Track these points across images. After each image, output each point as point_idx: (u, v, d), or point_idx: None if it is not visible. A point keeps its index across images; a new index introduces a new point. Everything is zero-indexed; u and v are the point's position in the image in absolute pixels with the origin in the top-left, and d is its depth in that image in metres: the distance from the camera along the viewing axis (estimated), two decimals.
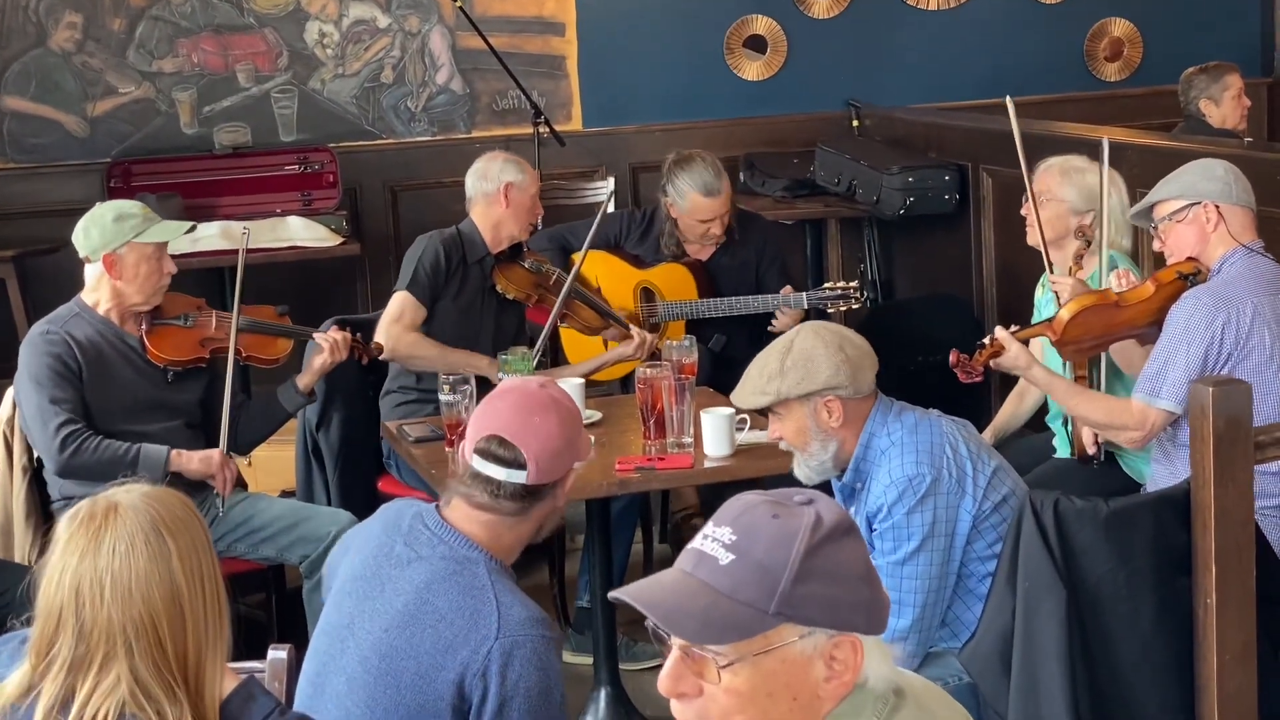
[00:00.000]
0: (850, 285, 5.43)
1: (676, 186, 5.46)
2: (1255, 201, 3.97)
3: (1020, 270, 5.54)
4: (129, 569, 2.13)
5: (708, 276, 5.55)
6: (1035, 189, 4.45)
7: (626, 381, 5.40)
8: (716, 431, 4.06)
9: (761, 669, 1.80)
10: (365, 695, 2.69)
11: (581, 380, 4.53)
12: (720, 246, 5.58)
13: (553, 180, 6.57)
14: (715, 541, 1.83)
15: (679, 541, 5.44)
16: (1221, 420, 2.85)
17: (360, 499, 4.65)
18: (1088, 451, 4.27)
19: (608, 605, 4.31)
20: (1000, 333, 3.99)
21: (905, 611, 3.37)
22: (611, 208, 6.66)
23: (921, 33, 7.39)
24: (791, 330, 3.51)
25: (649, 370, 4.19)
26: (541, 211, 5.14)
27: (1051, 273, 4.37)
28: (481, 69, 6.90)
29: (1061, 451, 4.44)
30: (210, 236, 5.92)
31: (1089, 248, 4.38)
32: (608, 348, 5.15)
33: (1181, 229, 3.93)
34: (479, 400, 2.94)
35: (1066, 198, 4.45)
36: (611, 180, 6.87)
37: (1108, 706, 3.03)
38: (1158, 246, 4.03)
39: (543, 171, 6.24)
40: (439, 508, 2.82)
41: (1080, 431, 4.28)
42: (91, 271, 4.29)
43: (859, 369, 3.43)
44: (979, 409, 5.31)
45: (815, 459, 3.48)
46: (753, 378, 3.47)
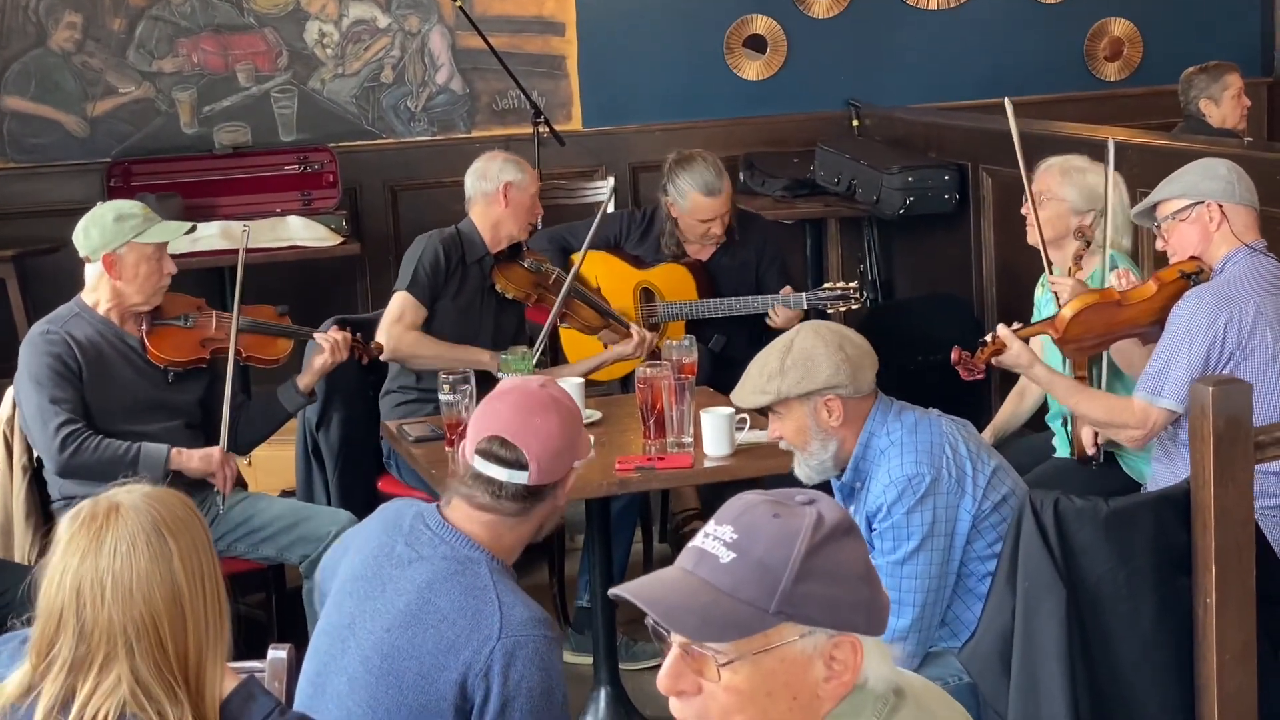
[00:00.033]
0: (850, 286, 5.42)
1: (677, 186, 5.46)
2: (1258, 201, 3.97)
3: (1020, 270, 5.54)
4: (130, 569, 2.13)
5: (708, 277, 5.55)
6: (1035, 189, 4.45)
7: (626, 381, 5.40)
8: (716, 431, 4.06)
9: (761, 668, 1.80)
10: (367, 695, 2.69)
11: (581, 380, 4.53)
12: (720, 247, 5.57)
13: (553, 180, 6.57)
14: (716, 540, 1.83)
15: (679, 541, 5.43)
16: (1221, 420, 2.85)
17: (360, 499, 4.65)
18: (1087, 453, 4.27)
19: (608, 605, 4.31)
20: (1002, 330, 3.99)
21: (905, 611, 3.37)
22: (612, 207, 6.68)
23: (921, 32, 7.38)
24: (791, 330, 3.51)
25: (649, 370, 4.19)
26: (541, 211, 5.14)
27: (1051, 273, 4.37)
28: (481, 69, 6.90)
29: (1061, 451, 4.44)
30: (210, 236, 5.92)
31: (1088, 248, 4.38)
32: (606, 348, 5.15)
33: (1184, 228, 3.93)
34: (479, 400, 2.94)
35: (1067, 197, 4.44)
36: (611, 180, 6.87)
37: (1108, 706, 3.03)
38: (1160, 245, 4.03)
39: (543, 171, 6.24)
40: (440, 508, 2.82)
41: (1080, 433, 4.28)
42: (91, 271, 4.29)
43: (859, 368, 3.43)
44: (979, 408, 5.31)
45: (815, 458, 3.48)
46: (753, 377, 3.47)
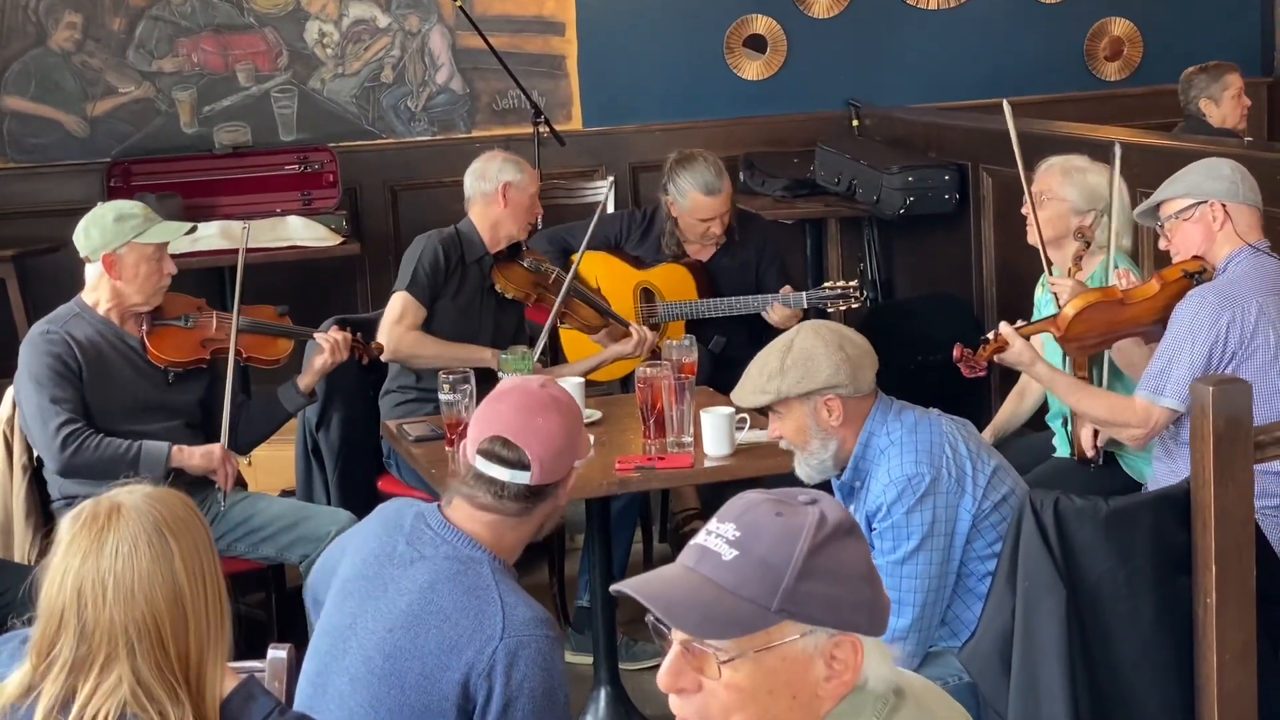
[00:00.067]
0: (850, 285, 5.42)
1: (678, 185, 5.46)
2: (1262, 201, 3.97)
3: (1020, 270, 5.54)
4: (132, 570, 2.13)
5: (707, 277, 5.54)
6: (1036, 189, 4.45)
7: (626, 381, 5.40)
8: (716, 431, 4.06)
9: (762, 666, 1.80)
10: (369, 695, 2.69)
11: (581, 380, 4.53)
12: (720, 247, 5.57)
13: (553, 180, 6.57)
14: (719, 538, 1.83)
15: (679, 541, 5.43)
16: (1221, 420, 2.85)
17: (360, 498, 4.65)
18: (1086, 454, 4.26)
19: (608, 604, 4.31)
20: (1004, 328, 3.99)
21: (905, 611, 3.37)
22: (612, 206, 6.67)
23: (921, 32, 7.38)
24: (792, 329, 3.51)
25: (649, 370, 4.19)
26: (540, 211, 5.14)
27: (1050, 274, 4.36)
28: (481, 68, 6.90)
29: (1061, 451, 4.44)
30: (210, 236, 5.92)
31: (1088, 249, 4.38)
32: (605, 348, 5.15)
33: (1188, 227, 3.92)
34: (479, 400, 2.94)
35: (1068, 197, 4.43)
36: (611, 179, 6.87)
37: (1107, 706, 3.03)
38: (1163, 245, 4.03)
39: (543, 171, 6.24)
40: (440, 507, 2.82)
41: (1079, 434, 4.28)
42: (92, 271, 4.29)
43: (859, 368, 3.43)
44: (979, 408, 5.31)
45: (815, 458, 3.48)
46: (753, 376, 3.47)
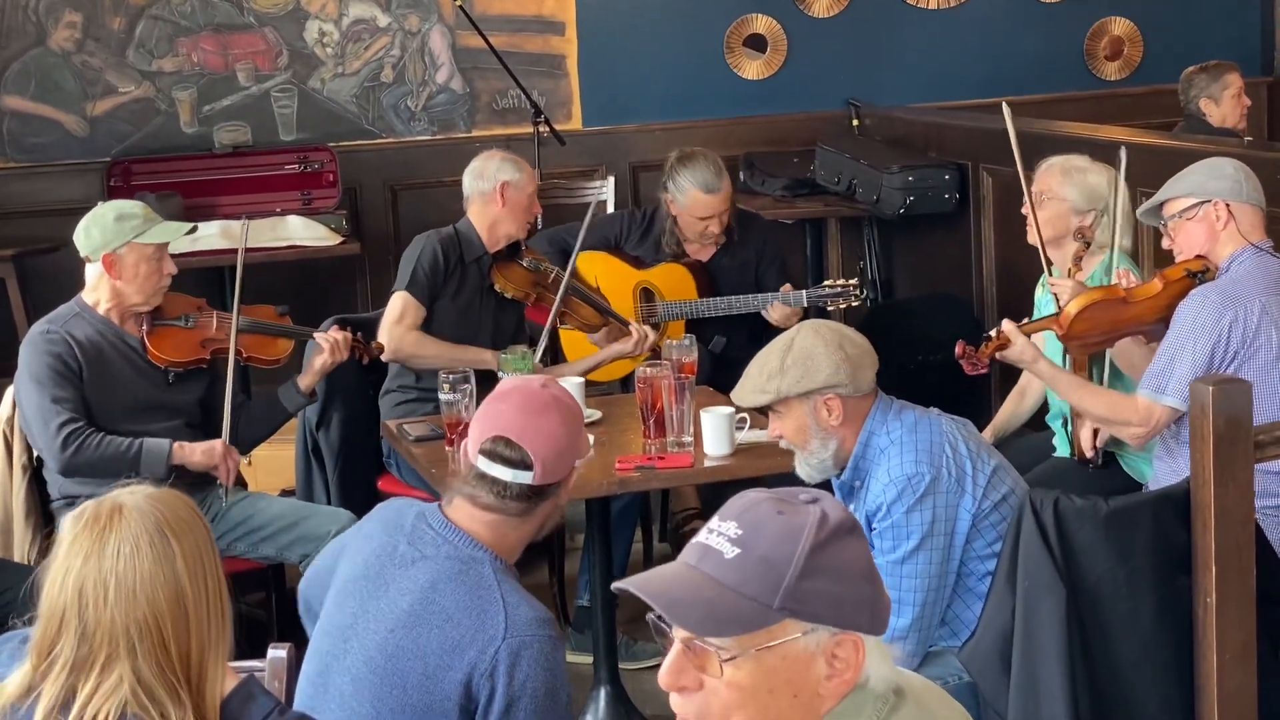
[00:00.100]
0: (850, 283, 5.41)
1: (677, 183, 5.46)
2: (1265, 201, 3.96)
3: (1020, 269, 5.54)
4: (134, 570, 2.13)
5: (707, 277, 5.54)
6: (1036, 189, 4.44)
7: (626, 381, 5.40)
8: (716, 430, 4.06)
9: (763, 664, 1.80)
10: (371, 695, 2.69)
11: (581, 380, 4.53)
12: (720, 247, 5.57)
13: (553, 180, 6.57)
14: (720, 536, 1.83)
15: (679, 541, 5.43)
16: (1221, 419, 2.85)
17: (360, 498, 4.65)
18: (1086, 454, 4.26)
19: (608, 604, 4.30)
20: (1007, 325, 3.99)
21: (905, 610, 3.37)
22: (612, 206, 6.68)
23: (921, 32, 7.38)
24: (792, 329, 3.52)
25: (649, 369, 4.19)
26: (540, 210, 5.14)
27: (1050, 274, 4.36)
28: (481, 68, 6.90)
29: (1061, 451, 4.44)
30: (210, 236, 5.92)
31: (1088, 249, 4.37)
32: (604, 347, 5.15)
33: (1191, 227, 3.92)
34: (479, 399, 2.93)
35: (1068, 197, 4.43)
36: (611, 180, 6.87)
37: (1107, 706, 3.03)
38: (1166, 244, 4.02)
39: (542, 171, 6.25)
40: (441, 507, 2.82)
41: (1079, 433, 4.28)
42: (92, 271, 4.29)
43: (859, 367, 3.43)
44: (979, 408, 5.31)
45: (815, 457, 3.48)
46: (753, 376, 3.47)
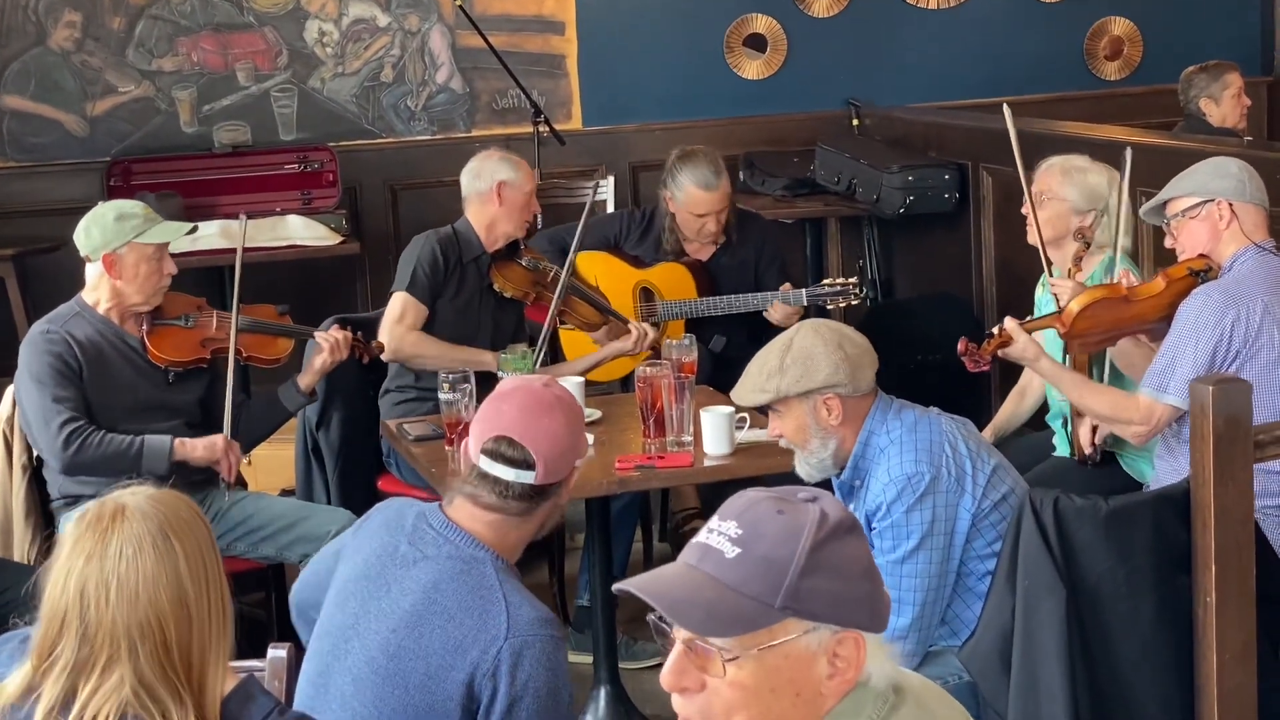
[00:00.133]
0: (849, 281, 5.40)
1: (676, 180, 5.46)
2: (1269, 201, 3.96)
3: (1020, 269, 5.54)
4: (136, 571, 2.13)
5: (707, 276, 5.54)
6: (1036, 189, 4.44)
7: (626, 381, 5.40)
8: (716, 430, 4.06)
9: (766, 664, 1.80)
10: (372, 695, 2.69)
11: (582, 380, 4.52)
12: (720, 246, 5.57)
13: (553, 179, 6.57)
14: (721, 535, 1.83)
15: (679, 540, 5.43)
16: (1221, 419, 2.85)
17: (360, 498, 4.64)
18: (1084, 451, 4.26)
19: (608, 604, 4.30)
20: (1009, 323, 3.99)
21: (905, 610, 3.37)
22: (612, 206, 6.68)
23: (921, 32, 7.39)
24: (792, 328, 3.52)
25: (649, 369, 4.19)
26: (538, 209, 5.13)
27: (1050, 274, 4.36)
28: (481, 68, 6.90)
29: (1061, 450, 4.43)
30: (210, 236, 5.92)
31: (1088, 249, 4.37)
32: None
33: (1194, 226, 3.92)
34: (479, 399, 2.93)
35: (1068, 197, 4.43)
36: (611, 179, 6.87)
37: (1107, 705, 3.03)
38: (1169, 243, 4.02)
39: (542, 170, 6.25)
40: (442, 507, 2.82)
41: (1078, 432, 4.27)
42: (92, 271, 4.29)
43: (858, 367, 3.43)
44: (979, 407, 5.31)
45: (815, 456, 3.48)
46: (752, 375, 3.48)
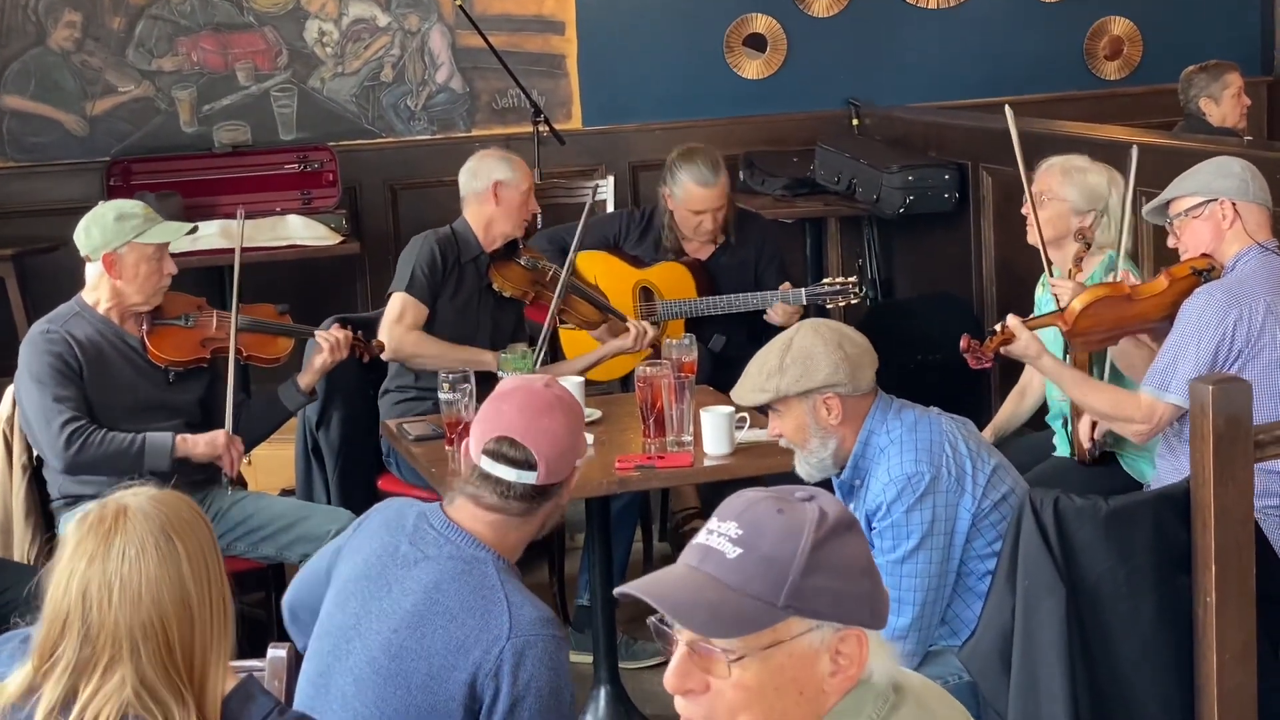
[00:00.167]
0: (849, 281, 5.39)
1: (675, 177, 5.46)
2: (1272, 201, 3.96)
3: (1020, 269, 5.54)
4: (139, 573, 2.13)
5: (707, 276, 5.54)
6: (1036, 189, 4.44)
7: (626, 380, 5.40)
8: (716, 430, 4.06)
9: (770, 663, 1.81)
10: (374, 696, 2.69)
11: (581, 380, 4.52)
12: (719, 246, 5.57)
13: (552, 179, 6.57)
14: (721, 536, 1.83)
15: (679, 540, 5.43)
16: (1221, 419, 2.85)
17: (360, 497, 4.64)
18: (1084, 444, 4.26)
19: (608, 603, 4.30)
20: (1012, 320, 3.99)
21: (905, 610, 3.37)
22: (611, 206, 6.67)
23: (921, 32, 7.39)
24: (792, 328, 3.52)
25: (649, 369, 4.19)
26: (537, 209, 5.12)
27: (1051, 274, 4.36)
28: (481, 68, 6.90)
29: (1061, 450, 4.43)
30: (210, 235, 5.93)
31: (1089, 250, 4.37)
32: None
33: (1197, 225, 3.92)
34: (479, 399, 2.93)
35: (1068, 197, 4.43)
36: (611, 179, 6.87)
37: (1107, 705, 3.03)
38: (1172, 242, 4.02)
39: (542, 170, 6.25)
40: (443, 507, 2.82)
41: (1078, 428, 4.27)
42: (92, 271, 4.29)
43: (858, 366, 3.43)
44: (979, 407, 5.31)
45: (815, 456, 3.48)
46: (752, 375, 3.48)
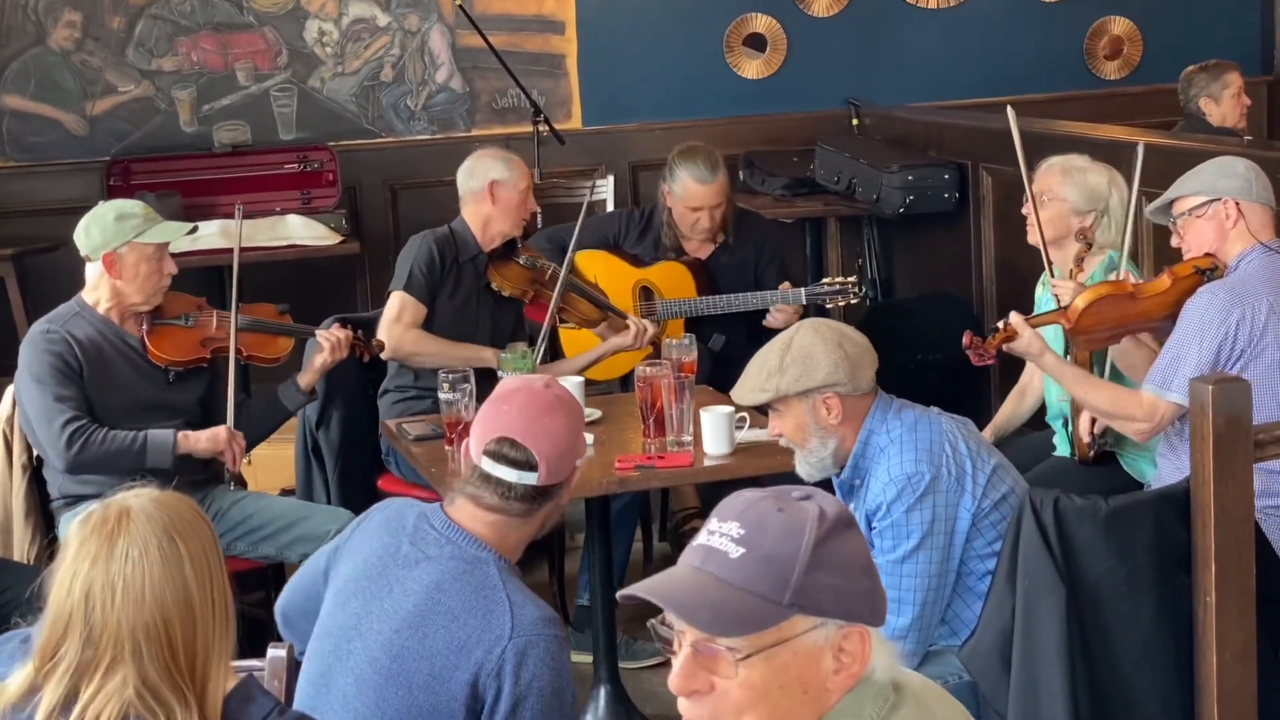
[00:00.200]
0: (849, 280, 5.39)
1: (674, 174, 5.47)
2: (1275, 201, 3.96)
3: (1020, 269, 5.54)
4: (142, 574, 2.13)
5: (707, 275, 5.54)
6: (1036, 189, 4.44)
7: (626, 380, 5.40)
8: (716, 430, 4.06)
9: (775, 662, 1.81)
10: (375, 696, 2.69)
11: (581, 380, 4.52)
12: (719, 245, 5.57)
13: (552, 179, 6.57)
14: (723, 536, 1.83)
15: (679, 540, 5.43)
16: (1221, 418, 2.86)
17: (360, 497, 4.64)
18: (1084, 440, 4.26)
19: (608, 603, 4.30)
20: (1014, 318, 3.99)
21: (905, 610, 3.37)
22: (611, 205, 6.68)
23: (921, 31, 7.38)
24: (792, 327, 3.52)
25: (648, 369, 4.19)
26: (535, 208, 5.12)
27: (1052, 275, 4.36)
28: (481, 67, 6.90)
29: (1061, 450, 4.43)
30: (210, 235, 5.92)
31: (1090, 250, 4.37)
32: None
33: (1201, 224, 3.92)
34: (479, 399, 2.93)
35: (1068, 198, 4.43)
36: (610, 179, 6.87)
37: (1107, 705, 3.03)
38: (1175, 242, 4.02)
39: (542, 170, 6.25)
40: (443, 507, 2.81)
41: (1078, 423, 4.27)
42: (92, 270, 4.29)
43: (858, 366, 3.43)
44: (979, 407, 5.31)
45: (815, 455, 3.48)
46: (752, 374, 3.48)
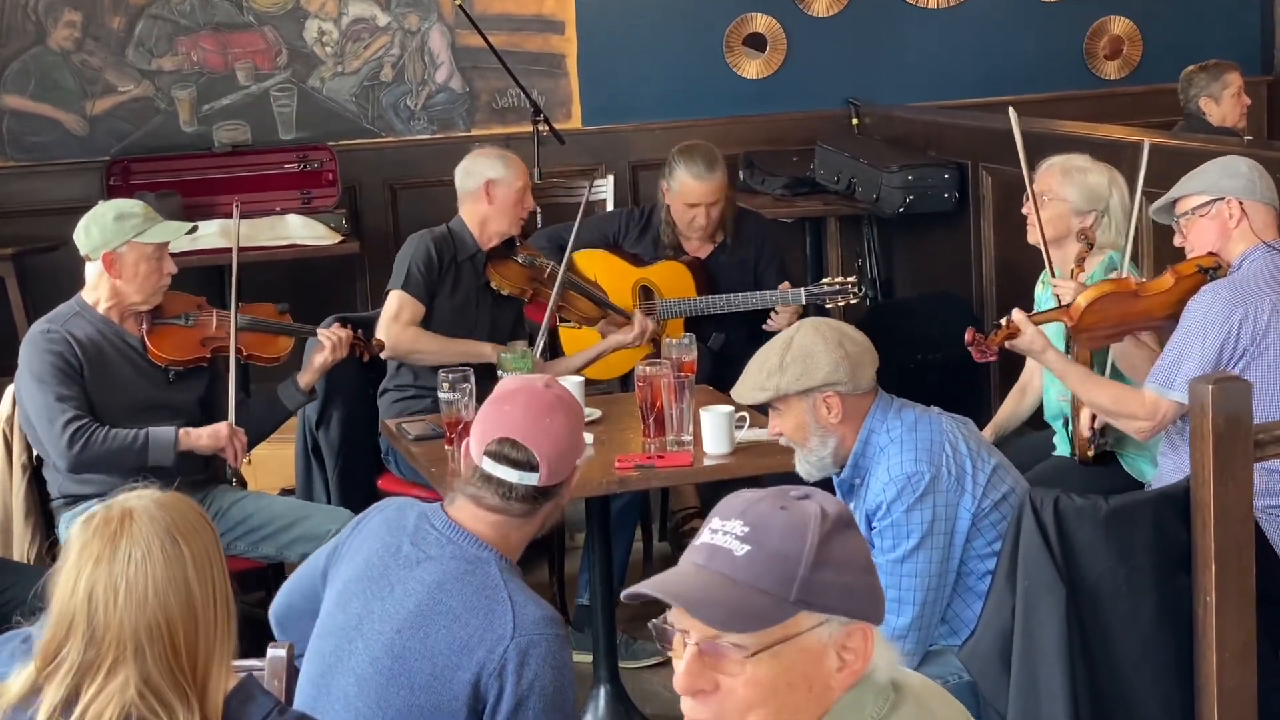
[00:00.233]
0: (848, 280, 5.39)
1: (673, 171, 5.47)
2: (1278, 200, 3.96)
3: (1020, 268, 5.54)
4: (145, 575, 2.13)
5: (706, 275, 5.54)
6: (1037, 188, 4.44)
7: (626, 380, 5.40)
8: (716, 429, 4.06)
9: (781, 659, 1.82)
10: (376, 696, 2.69)
11: (581, 379, 4.52)
12: (719, 245, 5.57)
13: (552, 179, 6.57)
14: (727, 534, 1.84)
15: (679, 540, 5.44)
16: (1221, 418, 2.86)
17: (360, 497, 4.64)
18: (1084, 436, 4.26)
19: (608, 603, 4.30)
20: (1017, 315, 3.99)
21: (905, 609, 3.37)
22: (611, 205, 6.68)
23: (921, 31, 7.39)
24: (792, 326, 3.52)
25: (648, 368, 4.19)
26: (533, 206, 5.12)
27: (1053, 275, 4.36)
28: (481, 67, 6.90)
29: (1062, 450, 4.43)
30: (209, 235, 5.93)
31: (1090, 250, 4.37)
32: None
33: (1204, 224, 3.93)
34: (479, 398, 2.93)
35: (1068, 197, 4.42)
36: (610, 179, 6.87)
37: (1107, 705, 3.03)
38: (1178, 241, 4.03)
39: (542, 170, 6.25)
40: (444, 507, 2.81)
41: (1079, 420, 4.27)
42: (92, 270, 4.29)
43: (859, 365, 3.43)
44: (979, 406, 5.32)
45: (815, 454, 3.48)
46: (752, 373, 3.48)
